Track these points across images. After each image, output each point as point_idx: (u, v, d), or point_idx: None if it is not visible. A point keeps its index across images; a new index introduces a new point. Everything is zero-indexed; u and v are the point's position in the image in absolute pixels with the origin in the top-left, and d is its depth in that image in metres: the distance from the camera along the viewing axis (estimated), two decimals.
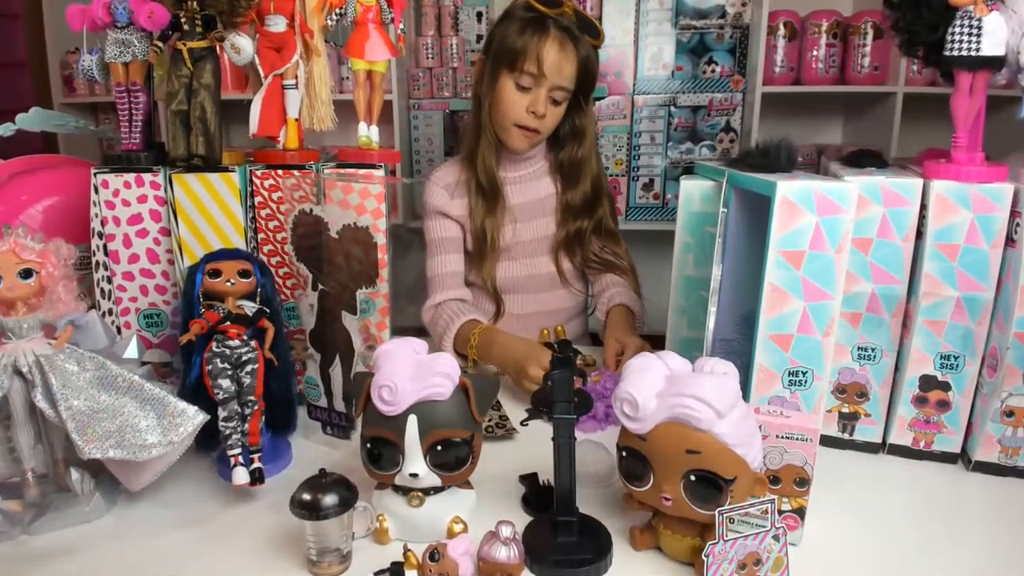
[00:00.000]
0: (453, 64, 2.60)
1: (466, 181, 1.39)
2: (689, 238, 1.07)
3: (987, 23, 0.80)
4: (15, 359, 0.77)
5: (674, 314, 1.11)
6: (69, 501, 0.81)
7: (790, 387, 0.85)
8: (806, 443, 0.73)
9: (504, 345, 1.21)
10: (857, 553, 0.75)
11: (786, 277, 0.82)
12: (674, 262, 1.09)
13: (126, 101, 0.99)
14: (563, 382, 0.74)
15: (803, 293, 0.82)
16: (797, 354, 0.84)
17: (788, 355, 0.84)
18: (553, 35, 1.25)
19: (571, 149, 1.39)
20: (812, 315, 0.83)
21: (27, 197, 1.11)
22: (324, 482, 0.71)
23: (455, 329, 1.30)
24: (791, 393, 0.85)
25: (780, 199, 0.81)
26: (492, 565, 0.68)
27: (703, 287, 1.06)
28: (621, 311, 1.34)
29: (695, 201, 1.06)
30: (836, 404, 0.96)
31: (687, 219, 1.07)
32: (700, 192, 1.05)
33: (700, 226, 1.06)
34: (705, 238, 1.06)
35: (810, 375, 0.84)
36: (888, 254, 0.90)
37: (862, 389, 0.95)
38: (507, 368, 1.18)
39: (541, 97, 1.28)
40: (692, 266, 1.08)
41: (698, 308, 1.08)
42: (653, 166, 2.59)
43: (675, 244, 1.08)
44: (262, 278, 0.90)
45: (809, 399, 0.85)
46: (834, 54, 2.40)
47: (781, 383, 0.85)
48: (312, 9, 1.00)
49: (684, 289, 1.10)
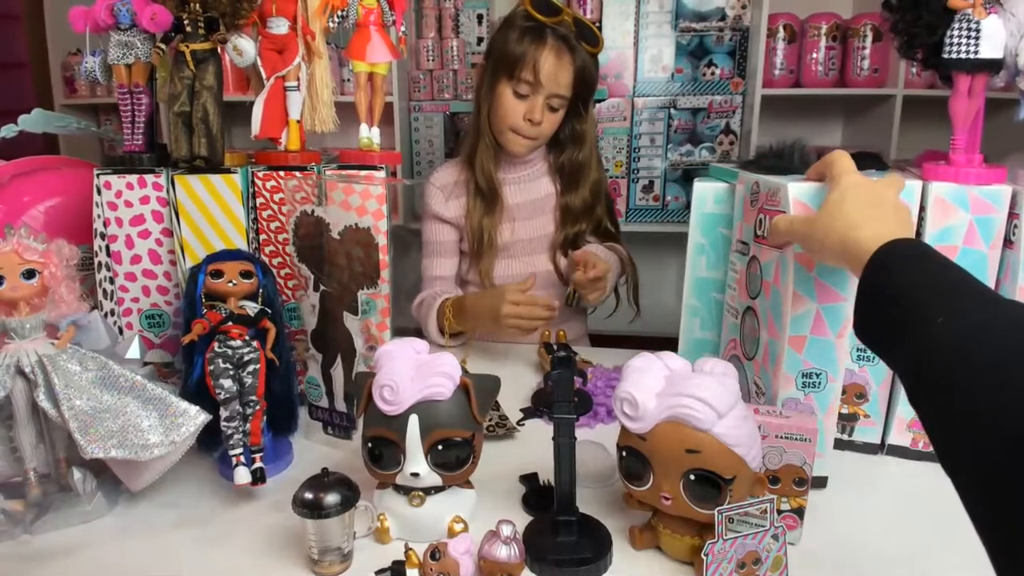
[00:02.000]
0: (454, 66, 2.61)
1: (465, 181, 1.41)
2: (702, 239, 1.07)
3: (985, 26, 0.81)
4: (18, 359, 0.77)
5: (687, 315, 1.11)
6: (71, 501, 0.81)
7: (804, 389, 0.85)
8: (805, 443, 0.73)
9: (473, 304, 1.29)
10: (857, 553, 0.76)
11: (801, 279, 0.81)
12: (687, 263, 1.09)
13: (129, 103, 0.99)
14: (563, 382, 0.75)
15: (816, 295, 0.81)
16: (811, 356, 0.83)
17: (802, 357, 0.84)
18: (550, 44, 1.27)
19: (571, 153, 1.41)
20: (826, 316, 0.82)
21: (29, 198, 1.11)
22: (326, 481, 0.71)
23: (434, 312, 1.34)
24: (804, 395, 0.85)
25: (792, 201, 0.81)
26: (493, 564, 0.68)
27: (716, 289, 1.07)
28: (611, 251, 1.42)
29: (708, 202, 1.06)
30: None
31: (700, 220, 1.07)
32: (714, 193, 1.05)
33: (714, 227, 1.06)
34: (718, 239, 1.06)
35: (824, 377, 0.84)
36: None
37: (861, 390, 0.95)
38: (485, 319, 1.24)
39: (538, 104, 1.30)
40: (705, 267, 1.08)
41: (711, 309, 1.08)
42: (653, 168, 2.59)
43: (688, 245, 1.08)
44: (264, 279, 0.90)
45: (824, 401, 0.85)
46: (833, 56, 2.41)
47: (795, 385, 0.85)
48: (314, 11, 1.00)
49: (697, 290, 1.09)
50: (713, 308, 1.08)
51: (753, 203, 0.91)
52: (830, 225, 0.70)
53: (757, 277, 0.90)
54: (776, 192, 0.84)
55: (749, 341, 0.92)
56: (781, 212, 0.82)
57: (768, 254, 0.87)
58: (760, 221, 0.88)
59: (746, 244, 0.94)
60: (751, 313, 0.92)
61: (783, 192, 0.82)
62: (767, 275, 0.87)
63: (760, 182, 0.89)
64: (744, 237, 0.95)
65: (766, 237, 0.86)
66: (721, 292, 1.06)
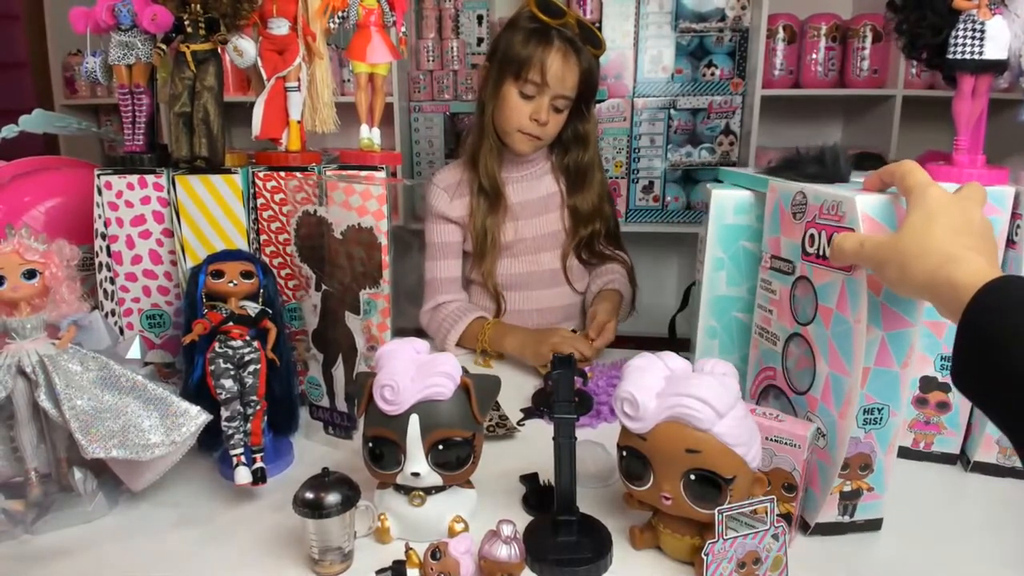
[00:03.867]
0: (454, 67, 2.61)
1: (468, 181, 1.42)
2: (721, 253, 0.97)
3: (990, 27, 0.81)
4: (19, 359, 0.77)
5: (704, 336, 1.01)
6: (71, 501, 0.81)
7: (864, 426, 0.74)
8: (795, 449, 0.73)
9: (521, 332, 1.32)
10: (856, 553, 0.76)
11: (867, 304, 0.71)
12: (704, 280, 0.99)
13: (129, 103, 0.99)
14: (564, 382, 0.75)
15: (882, 322, 0.71)
16: (874, 389, 0.73)
17: (864, 391, 0.72)
18: (557, 46, 1.29)
19: (576, 154, 1.43)
20: (891, 345, 0.72)
21: (30, 198, 1.11)
22: (327, 481, 0.71)
23: (463, 326, 1.36)
24: (865, 433, 0.74)
25: (861, 216, 0.70)
26: (493, 564, 0.68)
27: (738, 308, 0.98)
28: (615, 295, 1.41)
29: (728, 213, 0.96)
30: None
31: (719, 232, 0.97)
32: (735, 203, 0.96)
33: (734, 240, 0.97)
34: (740, 253, 0.97)
35: (886, 411, 0.74)
36: None
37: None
38: (526, 347, 1.26)
39: (544, 105, 1.31)
40: (725, 284, 0.98)
41: (732, 332, 1.00)
42: (653, 168, 2.59)
43: (705, 260, 0.98)
44: (264, 279, 0.90)
45: (884, 438, 0.75)
46: (833, 57, 2.41)
47: (856, 422, 0.73)
48: (314, 12, 1.00)
49: (716, 309, 0.99)
50: (734, 330, 0.99)
51: (797, 216, 0.81)
52: (914, 254, 0.61)
53: (810, 300, 0.78)
54: (838, 205, 0.73)
55: (798, 373, 0.81)
56: (843, 228, 0.72)
57: (826, 275, 0.75)
58: (812, 237, 0.77)
59: (789, 262, 0.82)
60: (799, 341, 0.80)
61: (848, 206, 0.71)
62: (826, 299, 0.75)
63: (807, 192, 0.79)
64: (786, 254, 0.83)
65: (824, 256, 0.75)
66: (744, 312, 0.98)
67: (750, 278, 0.96)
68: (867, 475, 0.76)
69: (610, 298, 1.39)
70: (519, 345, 1.28)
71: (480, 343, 1.32)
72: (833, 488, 0.76)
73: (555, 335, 1.24)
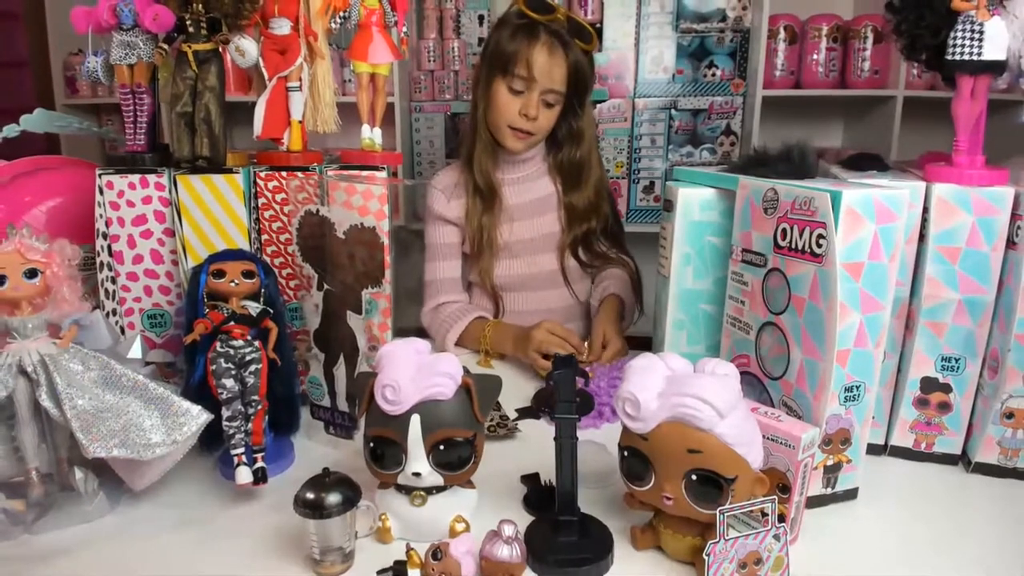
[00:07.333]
0: (455, 67, 2.61)
1: (464, 182, 1.42)
2: (688, 248, 1.02)
3: (989, 28, 0.81)
4: (20, 358, 0.77)
5: (672, 329, 1.06)
6: (72, 500, 0.81)
7: (845, 403, 0.80)
8: (789, 449, 0.73)
9: (514, 331, 1.31)
10: (858, 554, 0.76)
11: (847, 290, 0.76)
12: (672, 274, 1.03)
13: (131, 103, 0.99)
14: (565, 382, 0.75)
15: (861, 306, 0.77)
16: (854, 369, 0.79)
17: (846, 371, 0.78)
18: (543, 40, 1.29)
19: (570, 151, 1.42)
20: (868, 327, 0.78)
21: (31, 198, 1.11)
22: (327, 481, 0.71)
23: (463, 326, 1.36)
24: (846, 409, 0.80)
25: (845, 209, 0.75)
26: (494, 564, 0.68)
27: (704, 300, 1.03)
28: (614, 303, 1.38)
29: (694, 210, 1.01)
30: None
31: (687, 229, 1.02)
32: (700, 200, 1.01)
33: (700, 236, 1.02)
34: (706, 248, 1.02)
35: (863, 388, 0.80)
36: None
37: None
38: (517, 348, 1.26)
39: (533, 100, 1.31)
40: (692, 278, 1.03)
41: (699, 323, 1.05)
42: (654, 169, 2.59)
43: (670, 256, 1.03)
44: (266, 279, 0.90)
45: (860, 413, 0.81)
46: (834, 58, 2.41)
47: (838, 400, 0.79)
48: (316, 12, 1.00)
49: (684, 302, 1.04)
50: (701, 321, 1.04)
51: (769, 211, 0.85)
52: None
53: (783, 291, 0.83)
54: (810, 201, 0.78)
55: (772, 359, 0.86)
56: (815, 223, 0.77)
57: (798, 267, 0.81)
58: (784, 231, 0.82)
59: (761, 255, 0.87)
60: (772, 329, 0.85)
61: (821, 201, 0.76)
62: (799, 290, 0.81)
63: (778, 189, 0.84)
64: (758, 247, 0.88)
65: (796, 249, 0.80)
66: (711, 304, 1.02)
67: (716, 271, 1.01)
68: (847, 448, 0.83)
69: (609, 309, 1.36)
70: (512, 346, 1.29)
71: (482, 344, 1.32)
72: (817, 463, 0.81)
73: (539, 332, 1.23)
